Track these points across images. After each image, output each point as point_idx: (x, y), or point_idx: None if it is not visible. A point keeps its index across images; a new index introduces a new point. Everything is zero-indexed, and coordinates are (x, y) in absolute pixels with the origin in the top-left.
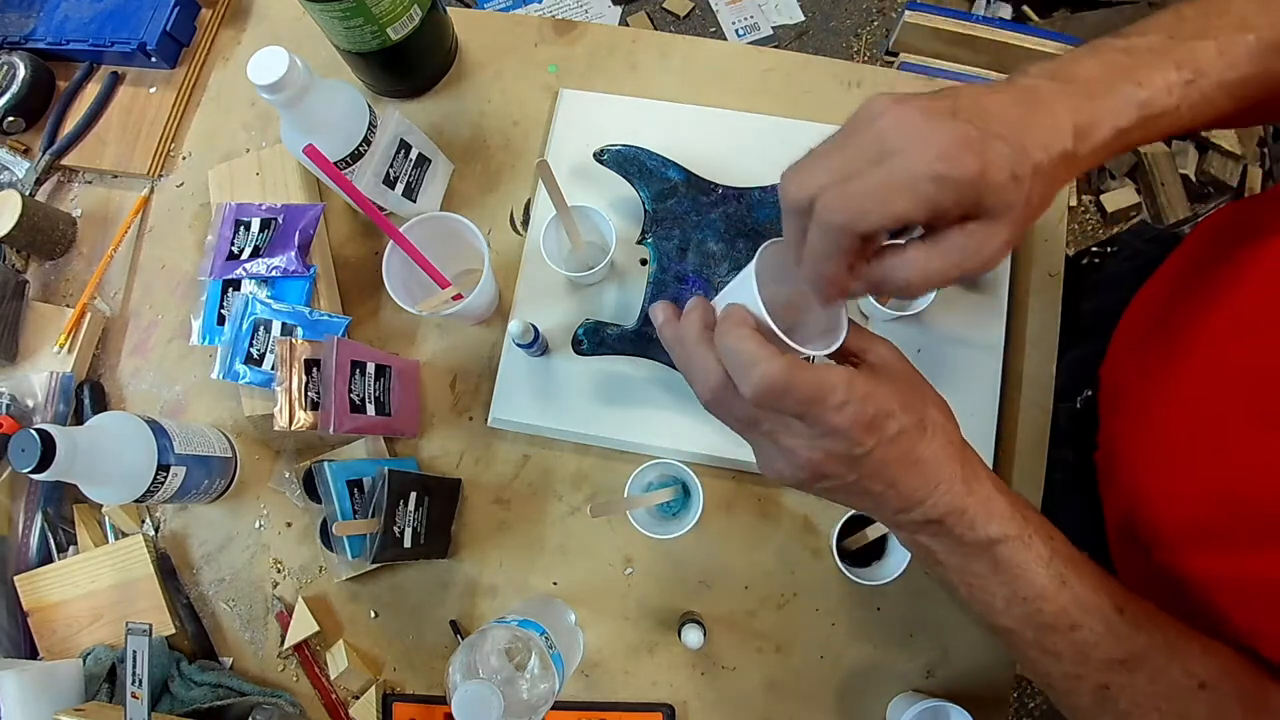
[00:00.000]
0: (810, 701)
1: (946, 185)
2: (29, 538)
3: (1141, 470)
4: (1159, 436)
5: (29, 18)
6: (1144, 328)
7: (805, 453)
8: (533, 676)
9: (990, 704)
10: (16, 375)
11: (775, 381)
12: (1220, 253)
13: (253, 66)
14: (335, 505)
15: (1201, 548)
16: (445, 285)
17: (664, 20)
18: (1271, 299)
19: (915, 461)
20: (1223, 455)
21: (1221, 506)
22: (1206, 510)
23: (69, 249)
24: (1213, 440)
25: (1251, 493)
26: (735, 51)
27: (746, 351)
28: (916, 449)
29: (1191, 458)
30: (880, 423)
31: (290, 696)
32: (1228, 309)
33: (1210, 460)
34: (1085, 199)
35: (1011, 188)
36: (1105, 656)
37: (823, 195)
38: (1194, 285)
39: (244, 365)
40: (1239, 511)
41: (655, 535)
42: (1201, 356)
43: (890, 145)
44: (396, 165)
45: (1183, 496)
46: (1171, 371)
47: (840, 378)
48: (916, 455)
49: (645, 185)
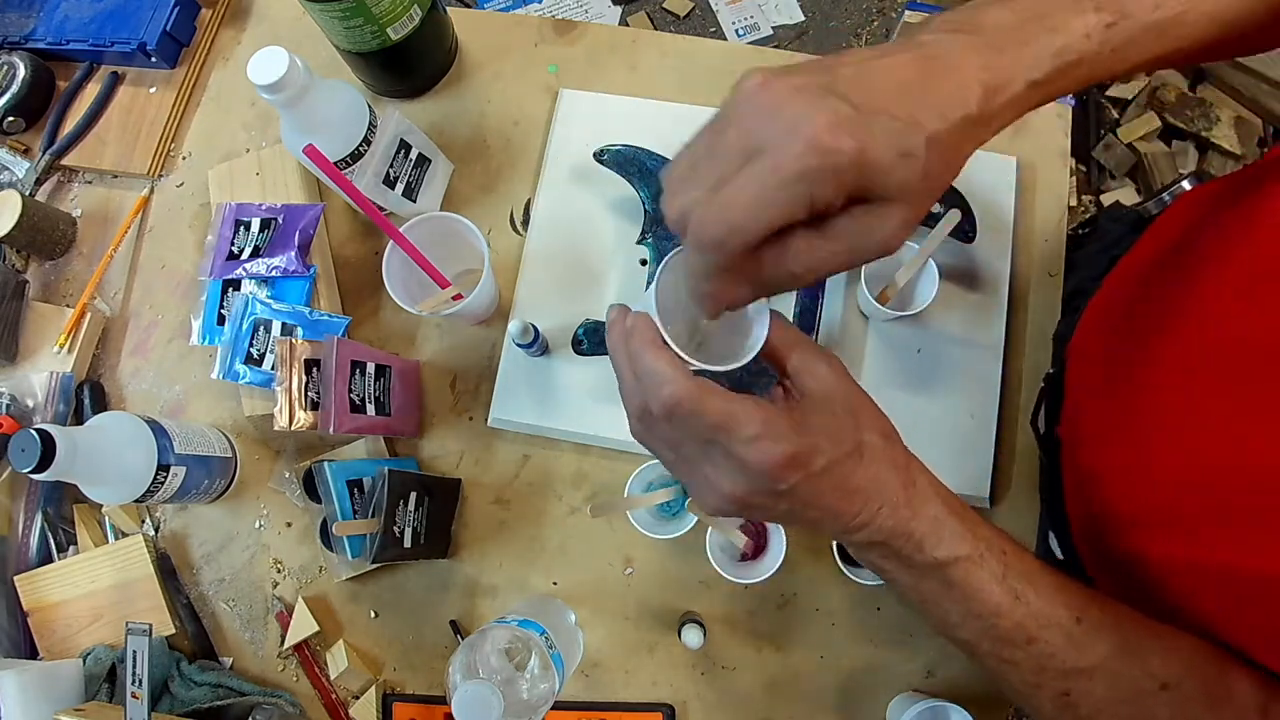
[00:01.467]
0: (810, 701)
1: (821, 177)
2: (29, 538)
3: (1102, 451)
4: (1121, 418)
5: (29, 18)
6: (1112, 309)
7: (727, 485)
8: (533, 676)
9: (990, 704)
10: (16, 375)
11: (682, 400)
12: (1193, 233)
13: (253, 66)
14: (335, 505)
15: (1159, 532)
16: (445, 285)
17: (664, 20)
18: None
19: (851, 490)
20: (1182, 438)
21: (1180, 490)
22: (1164, 493)
23: (69, 249)
24: (1173, 423)
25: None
26: (735, 51)
27: (654, 370)
28: (851, 478)
29: (1151, 440)
30: (802, 460)
31: (290, 696)
32: (1195, 292)
33: (1170, 443)
34: (1085, 199)
35: (901, 166)
36: (1063, 667)
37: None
38: (1161, 268)
39: (244, 365)
40: (1197, 497)
41: (655, 535)
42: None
43: (757, 139)
44: (396, 165)
45: (1142, 479)
46: (1136, 352)
47: (755, 412)
48: (852, 484)
49: (645, 185)
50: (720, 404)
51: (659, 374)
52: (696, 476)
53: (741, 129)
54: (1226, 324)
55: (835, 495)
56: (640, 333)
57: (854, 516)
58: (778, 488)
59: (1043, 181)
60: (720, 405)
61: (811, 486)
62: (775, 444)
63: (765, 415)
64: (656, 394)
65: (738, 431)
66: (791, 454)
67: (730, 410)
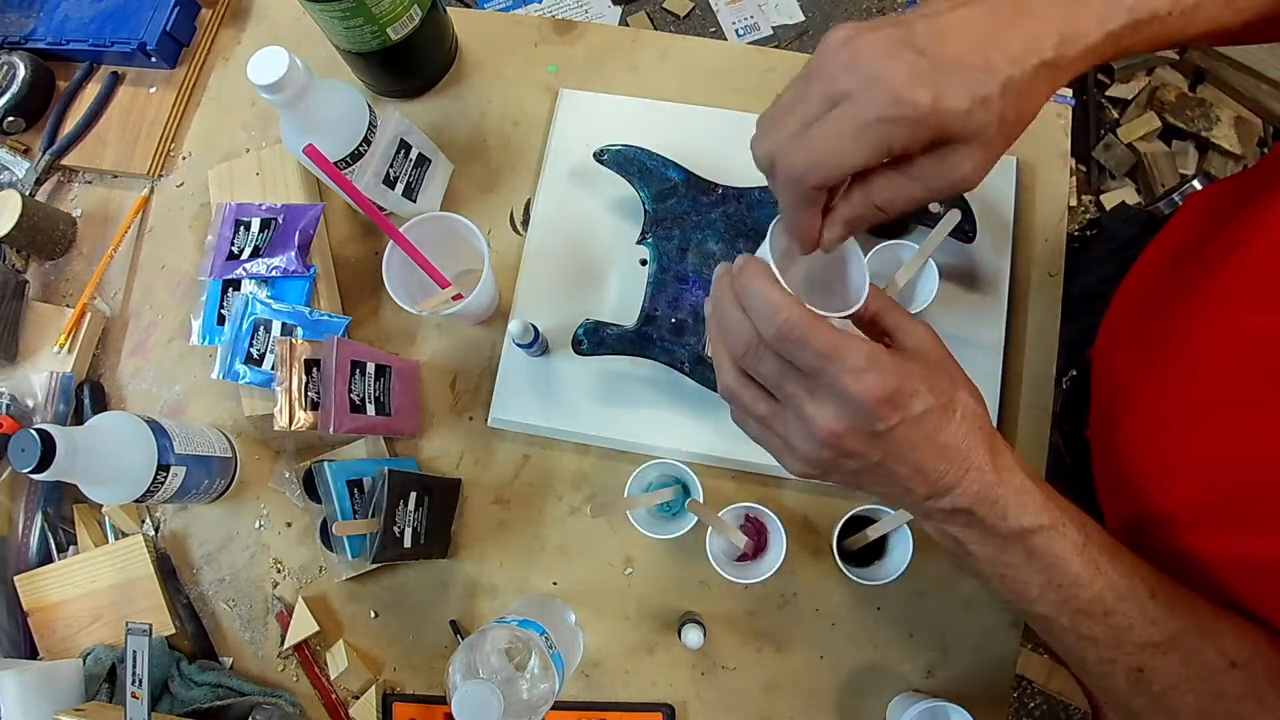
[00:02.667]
0: (810, 701)
1: (898, 125)
2: (29, 538)
3: (1142, 450)
4: (1160, 415)
5: (29, 18)
6: (1137, 307)
7: (827, 421)
8: (533, 676)
9: (990, 704)
10: (16, 375)
11: (795, 325)
12: (1214, 229)
13: (253, 66)
14: (335, 505)
15: (1207, 528)
16: (445, 285)
17: (664, 20)
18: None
19: (942, 445)
20: (1224, 433)
21: (1226, 486)
22: (1210, 489)
23: (69, 249)
24: (1214, 418)
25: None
26: (735, 51)
27: (768, 297)
28: (943, 431)
29: (1193, 436)
30: (903, 400)
31: (290, 696)
32: (1225, 285)
33: (1212, 439)
34: (1085, 199)
35: (977, 111)
36: (1140, 640)
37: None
38: (1188, 263)
39: (244, 365)
40: (1243, 491)
41: (655, 535)
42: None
43: (841, 88)
44: (396, 165)
45: (1185, 476)
46: (1169, 348)
47: (862, 346)
48: (943, 438)
49: (645, 185)
50: (830, 333)
51: (773, 300)
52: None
53: (826, 80)
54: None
55: (927, 449)
56: (751, 268)
57: (942, 476)
58: (876, 426)
59: (1043, 181)
60: (830, 333)
61: (907, 433)
62: (881, 376)
63: (871, 349)
64: (771, 319)
65: (845, 360)
66: (895, 388)
67: (840, 339)
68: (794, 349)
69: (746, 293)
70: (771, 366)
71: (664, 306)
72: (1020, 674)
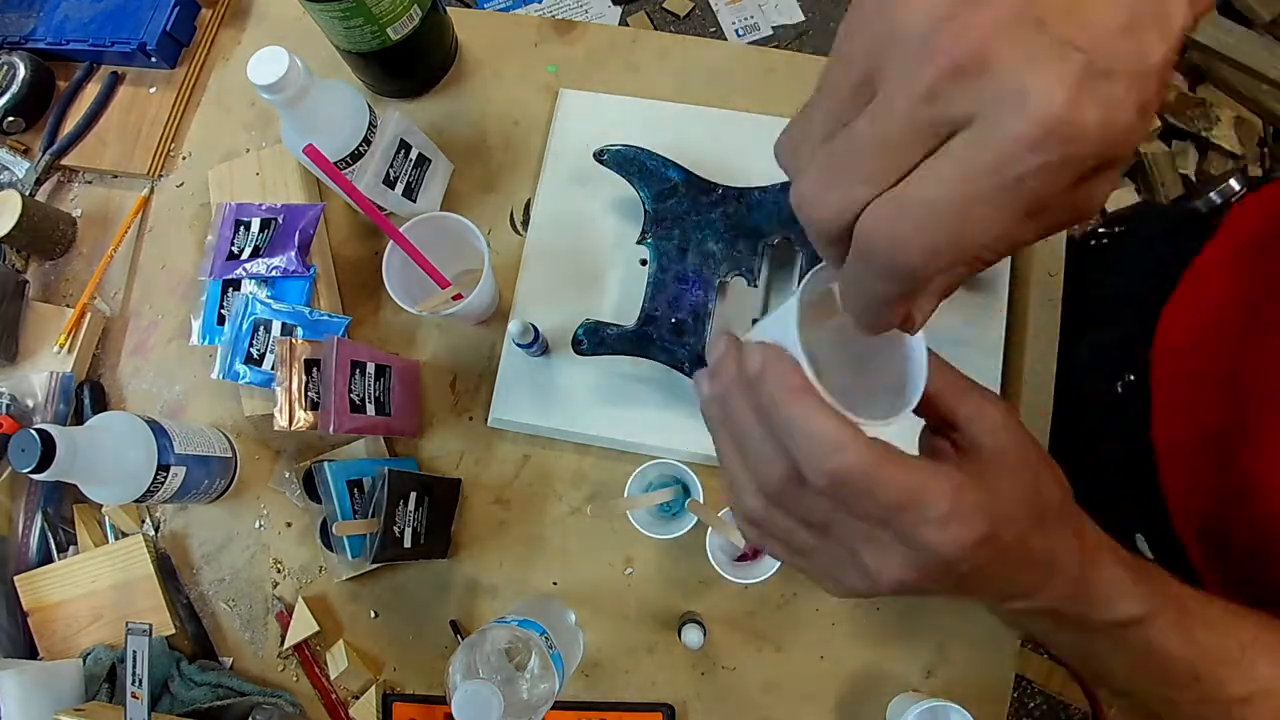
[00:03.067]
0: (810, 701)
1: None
2: (29, 538)
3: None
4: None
5: (29, 18)
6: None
7: (894, 572)
8: (533, 676)
9: (990, 704)
10: (16, 375)
11: (855, 472)
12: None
13: (253, 66)
14: (335, 505)
15: None
16: (445, 285)
17: (664, 20)
18: None
19: (1029, 560)
20: None
21: None
22: None
23: (69, 249)
24: None
25: None
26: (735, 51)
27: (814, 434)
28: (1034, 548)
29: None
30: (993, 538)
31: (290, 696)
32: None
33: None
34: None
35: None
36: (1228, 696)
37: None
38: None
39: (244, 365)
40: None
41: (655, 535)
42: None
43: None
44: (396, 165)
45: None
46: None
47: (944, 485)
48: (1032, 555)
49: (645, 185)
50: (904, 476)
51: (823, 438)
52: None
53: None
54: None
55: (1015, 568)
56: (780, 377)
57: (1024, 586)
58: (959, 569)
59: None
60: (904, 479)
61: (992, 560)
62: (969, 525)
63: (956, 487)
64: (820, 463)
65: (924, 511)
66: (986, 534)
67: (916, 484)
68: (850, 499)
69: (784, 426)
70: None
71: (664, 306)
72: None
